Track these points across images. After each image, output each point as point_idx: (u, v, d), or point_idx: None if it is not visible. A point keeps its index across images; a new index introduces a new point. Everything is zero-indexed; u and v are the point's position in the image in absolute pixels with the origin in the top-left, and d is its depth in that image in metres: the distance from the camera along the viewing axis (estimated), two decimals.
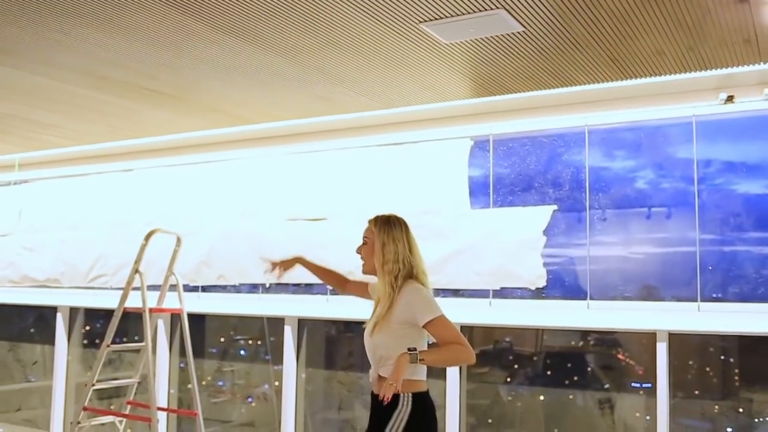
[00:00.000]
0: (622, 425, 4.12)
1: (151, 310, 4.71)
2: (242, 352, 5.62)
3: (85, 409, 4.74)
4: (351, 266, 4.54)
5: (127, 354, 5.74)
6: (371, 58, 3.24)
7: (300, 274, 4.66)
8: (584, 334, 4.27)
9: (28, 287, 6.17)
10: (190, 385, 4.70)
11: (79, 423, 4.78)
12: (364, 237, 3.15)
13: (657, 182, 3.90)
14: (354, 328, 4.99)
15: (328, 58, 3.27)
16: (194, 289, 5.27)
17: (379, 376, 2.95)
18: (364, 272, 3.17)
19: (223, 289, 5.20)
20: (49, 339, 6.18)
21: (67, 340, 6.07)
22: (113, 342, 4.75)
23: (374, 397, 2.97)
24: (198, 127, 4.72)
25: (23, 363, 6.80)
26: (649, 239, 3.90)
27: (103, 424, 5.20)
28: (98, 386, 4.75)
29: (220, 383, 5.63)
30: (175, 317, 5.35)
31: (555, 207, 4.09)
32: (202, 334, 5.64)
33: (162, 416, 5.29)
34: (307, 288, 4.84)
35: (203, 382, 5.56)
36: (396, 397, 2.78)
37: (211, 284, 5.21)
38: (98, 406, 5.48)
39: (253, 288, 5.07)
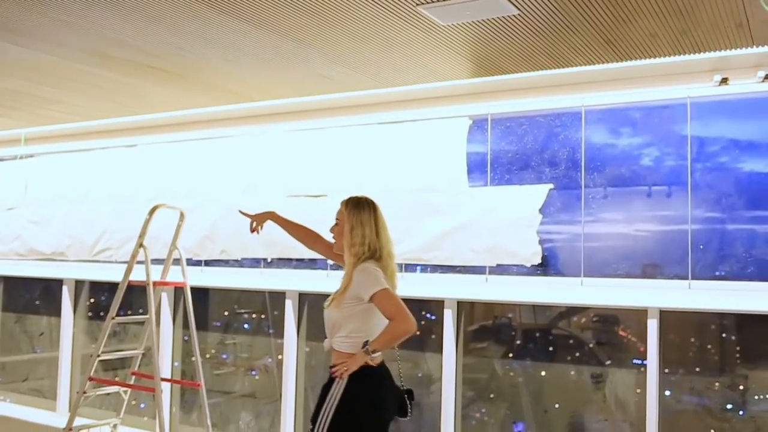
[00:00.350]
0: (620, 401, 4.22)
1: (155, 284, 4.80)
2: (245, 326, 5.72)
3: (90, 379, 4.87)
4: None
5: (131, 326, 5.86)
6: (370, 39, 3.30)
7: (301, 251, 4.81)
8: (587, 310, 4.33)
9: (35, 260, 6.28)
10: (193, 357, 4.82)
11: (85, 393, 4.90)
12: (336, 218, 3.38)
13: (654, 161, 3.97)
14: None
15: (328, 39, 3.33)
16: (197, 263, 5.37)
17: (333, 348, 3.22)
18: (335, 251, 3.40)
19: (225, 263, 5.29)
20: (55, 311, 6.29)
21: (72, 312, 6.19)
22: (118, 314, 4.87)
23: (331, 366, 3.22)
24: (201, 104, 4.79)
25: (30, 334, 6.92)
26: (646, 217, 3.98)
27: (108, 394, 5.34)
28: (103, 357, 4.87)
29: (223, 356, 5.74)
30: (178, 290, 5.45)
31: (551, 186, 4.16)
32: (205, 307, 5.74)
33: (166, 387, 5.42)
34: (309, 263, 4.93)
35: (207, 355, 5.67)
36: (331, 370, 3.14)
37: (214, 258, 5.31)
38: (104, 376, 5.61)
39: (255, 262, 5.16)
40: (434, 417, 4.48)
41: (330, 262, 4.78)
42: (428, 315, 4.62)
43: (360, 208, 3.30)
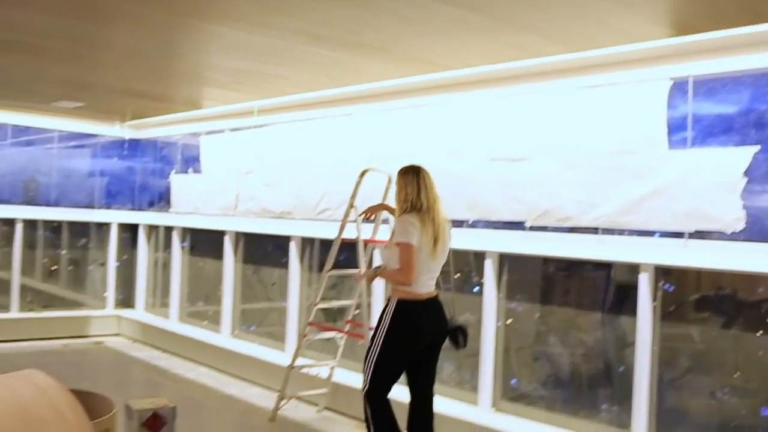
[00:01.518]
0: None
1: (364, 242, 5.25)
2: (452, 283, 6.01)
3: (310, 324, 5.45)
4: (548, 205, 4.77)
5: (348, 279, 6.39)
6: (554, 6, 3.37)
7: (501, 213, 5.01)
8: None
9: (268, 218, 7.04)
10: None
11: (305, 336, 5.50)
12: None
13: None
14: (568, 266, 5.21)
15: (514, 9, 3.45)
16: None
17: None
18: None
19: None
20: (285, 264, 7.02)
21: (299, 265, 6.86)
22: (333, 268, 5.39)
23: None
24: (404, 74, 5.08)
25: (264, 284, 7.78)
26: None
27: (327, 339, 5.93)
28: (320, 306, 5.42)
29: None
30: None
31: (757, 148, 3.96)
32: None
33: None
34: (510, 225, 5.09)
35: None
36: (387, 300, 4.10)
37: None
38: (325, 323, 6.20)
39: (458, 223, 5.41)
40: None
41: (528, 224, 4.93)
42: (666, 286, 4.57)
43: (405, 173, 4.15)
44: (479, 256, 5.40)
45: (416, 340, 4.06)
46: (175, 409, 4.39)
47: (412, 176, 4.11)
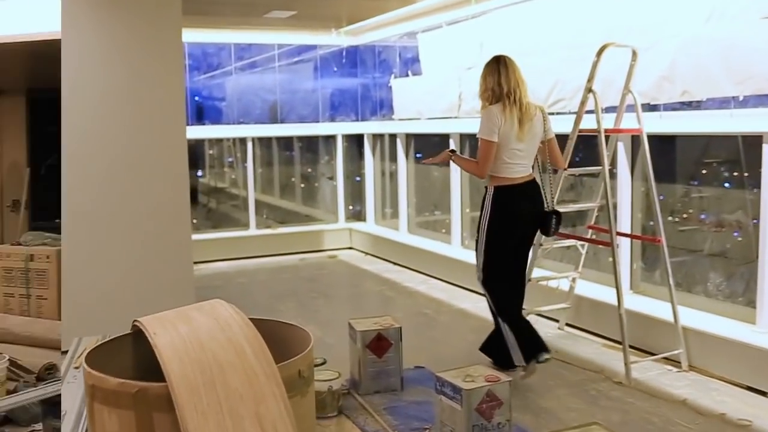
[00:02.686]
0: None
1: (606, 132, 4.49)
2: (713, 176, 5.05)
3: None
4: None
5: (588, 180, 5.63)
6: None
7: None
8: None
9: None
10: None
11: (542, 245, 4.91)
12: None
13: None
14: None
15: None
16: (655, 107, 4.83)
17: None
18: None
19: (688, 106, 4.67)
20: None
21: None
22: (571, 165, 4.70)
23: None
24: None
25: None
26: None
27: (568, 247, 5.28)
28: (558, 209, 4.75)
29: (701, 216, 5.12)
30: (636, 139, 5.00)
31: None
32: (667, 156, 5.20)
33: (624, 242, 5.12)
34: None
35: (677, 213, 5.16)
36: (485, 188, 4.16)
37: (674, 101, 4.71)
38: (563, 230, 5.53)
39: (723, 103, 4.43)
40: None
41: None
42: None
43: (488, 64, 4.16)
44: (751, 141, 4.38)
45: (516, 223, 4.13)
46: (400, 329, 4.04)
47: (493, 65, 4.11)
